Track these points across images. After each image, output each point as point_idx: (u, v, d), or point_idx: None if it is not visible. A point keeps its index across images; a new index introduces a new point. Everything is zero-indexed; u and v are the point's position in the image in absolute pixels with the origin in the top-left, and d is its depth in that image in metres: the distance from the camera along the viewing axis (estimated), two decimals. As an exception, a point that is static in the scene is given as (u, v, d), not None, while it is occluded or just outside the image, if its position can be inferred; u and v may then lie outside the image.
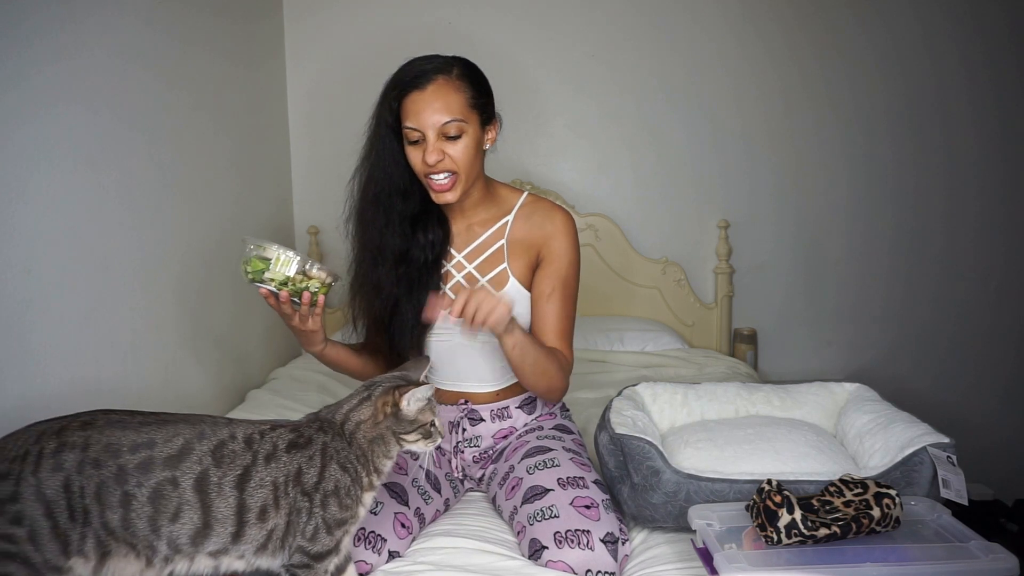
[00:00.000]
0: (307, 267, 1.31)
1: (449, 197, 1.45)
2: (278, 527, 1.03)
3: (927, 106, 2.64)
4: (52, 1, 1.48)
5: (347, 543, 1.11)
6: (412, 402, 1.11)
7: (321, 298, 1.35)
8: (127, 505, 0.95)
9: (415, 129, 1.41)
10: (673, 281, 2.69)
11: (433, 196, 1.47)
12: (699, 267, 2.73)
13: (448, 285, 1.55)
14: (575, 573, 1.23)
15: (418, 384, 1.12)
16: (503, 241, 1.55)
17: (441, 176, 1.43)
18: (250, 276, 1.30)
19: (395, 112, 1.45)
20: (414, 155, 1.44)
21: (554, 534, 1.27)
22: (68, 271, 1.52)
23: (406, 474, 1.43)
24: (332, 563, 1.08)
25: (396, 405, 1.10)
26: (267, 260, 1.30)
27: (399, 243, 1.51)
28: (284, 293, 1.31)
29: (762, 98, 2.67)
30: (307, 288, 1.32)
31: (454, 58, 1.47)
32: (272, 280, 1.30)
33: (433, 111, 1.40)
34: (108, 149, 1.65)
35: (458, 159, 1.43)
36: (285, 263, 1.29)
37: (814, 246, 2.73)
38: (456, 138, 1.42)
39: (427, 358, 1.25)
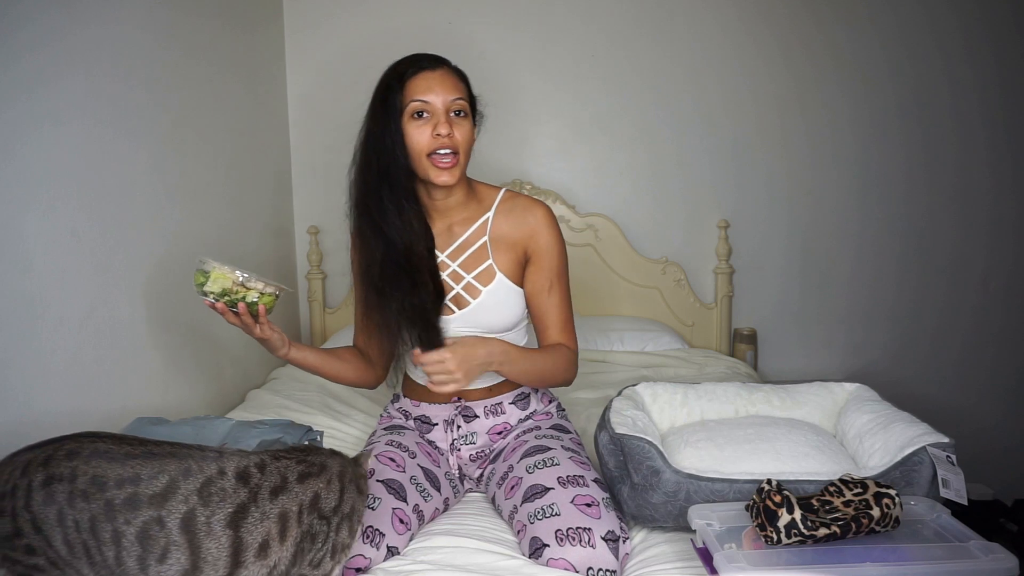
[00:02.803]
0: (244, 280, 1.38)
1: (450, 177, 1.47)
2: (281, 561, 0.99)
3: (931, 105, 2.63)
4: (52, 3, 1.49)
5: (337, 572, 1.10)
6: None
7: (262, 308, 1.40)
8: (118, 542, 0.93)
9: (426, 102, 1.45)
10: (673, 281, 2.69)
11: (434, 175, 1.47)
12: (699, 267, 2.73)
13: None
14: (576, 571, 1.23)
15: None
16: (485, 238, 1.56)
17: (446, 152, 1.46)
18: (196, 289, 1.39)
19: (398, 93, 1.47)
20: (420, 132, 1.45)
21: (555, 532, 1.27)
22: (68, 271, 1.52)
23: (404, 471, 1.44)
24: None
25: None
26: (207, 274, 1.38)
27: (413, 223, 1.51)
28: (220, 304, 1.38)
29: (764, 97, 2.67)
30: (243, 299, 1.38)
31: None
32: (211, 292, 1.37)
33: (445, 88, 1.46)
34: (108, 150, 1.66)
35: (462, 140, 1.47)
36: (218, 276, 1.37)
37: (814, 246, 2.73)
38: (462, 118, 1.48)
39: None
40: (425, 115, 1.45)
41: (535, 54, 2.69)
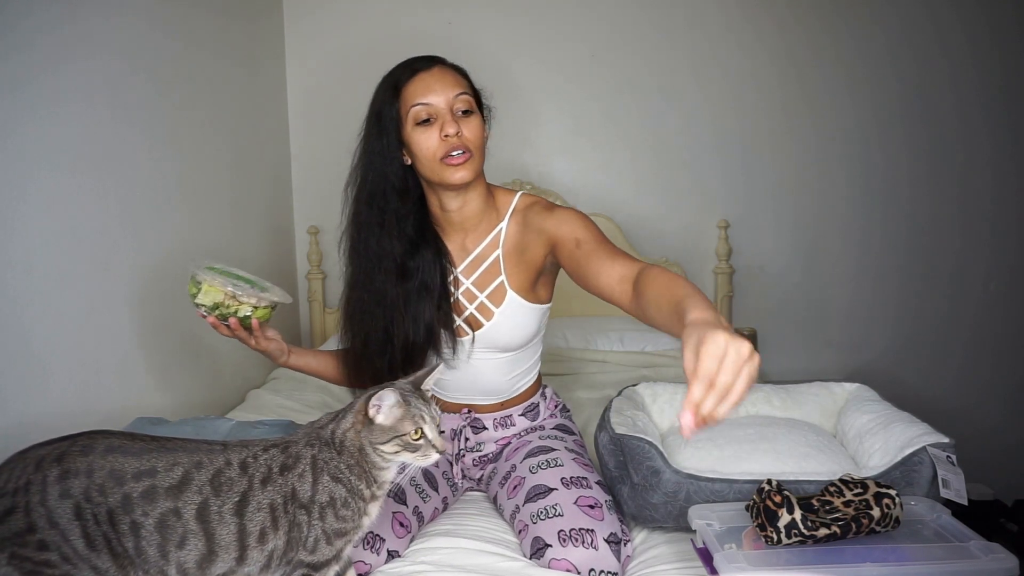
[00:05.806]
0: (237, 294, 1.35)
1: (466, 174, 1.38)
2: (277, 548, 1.02)
3: (934, 106, 2.63)
4: (53, 3, 1.48)
5: (348, 551, 1.10)
6: (382, 409, 1.05)
7: (255, 322, 1.38)
8: (137, 533, 0.95)
9: (428, 104, 1.36)
10: (673, 281, 2.68)
11: (449, 175, 1.38)
12: (699, 267, 2.73)
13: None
14: (578, 572, 1.23)
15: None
16: (499, 251, 1.48)
17: (457, 152, 1.37)
18: (190, 298, 1.37)
19: (395, 103, 1.40)
20: (427, 138, 1.37)
21: (558, 532, 1.26)
22: (68, 271, 1.52)
23: (402, 473, 1.43)
24: (332, 571, 1.07)
25: (365, 412, 1.06)
26: (200, 284, 1.35)
27: (397, 247, 1.44)
28: (211, 318, 1.36)
29: (764, 97, 2.67)
30: (235, 313, 1.36)
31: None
32: (203, 305, 1.35)
33: (445, 86, 1.38)
34: (108, 149, 1.65)
35: (472, 137, 1.38)
36: (209, 290, 1.34)
37: (815, 246, 2.73)
38: (468, 114, 1.39)
39: (440, 362, 1.23)
40: (430, 119, 1.37)
41: (536, 53, 2.69)
